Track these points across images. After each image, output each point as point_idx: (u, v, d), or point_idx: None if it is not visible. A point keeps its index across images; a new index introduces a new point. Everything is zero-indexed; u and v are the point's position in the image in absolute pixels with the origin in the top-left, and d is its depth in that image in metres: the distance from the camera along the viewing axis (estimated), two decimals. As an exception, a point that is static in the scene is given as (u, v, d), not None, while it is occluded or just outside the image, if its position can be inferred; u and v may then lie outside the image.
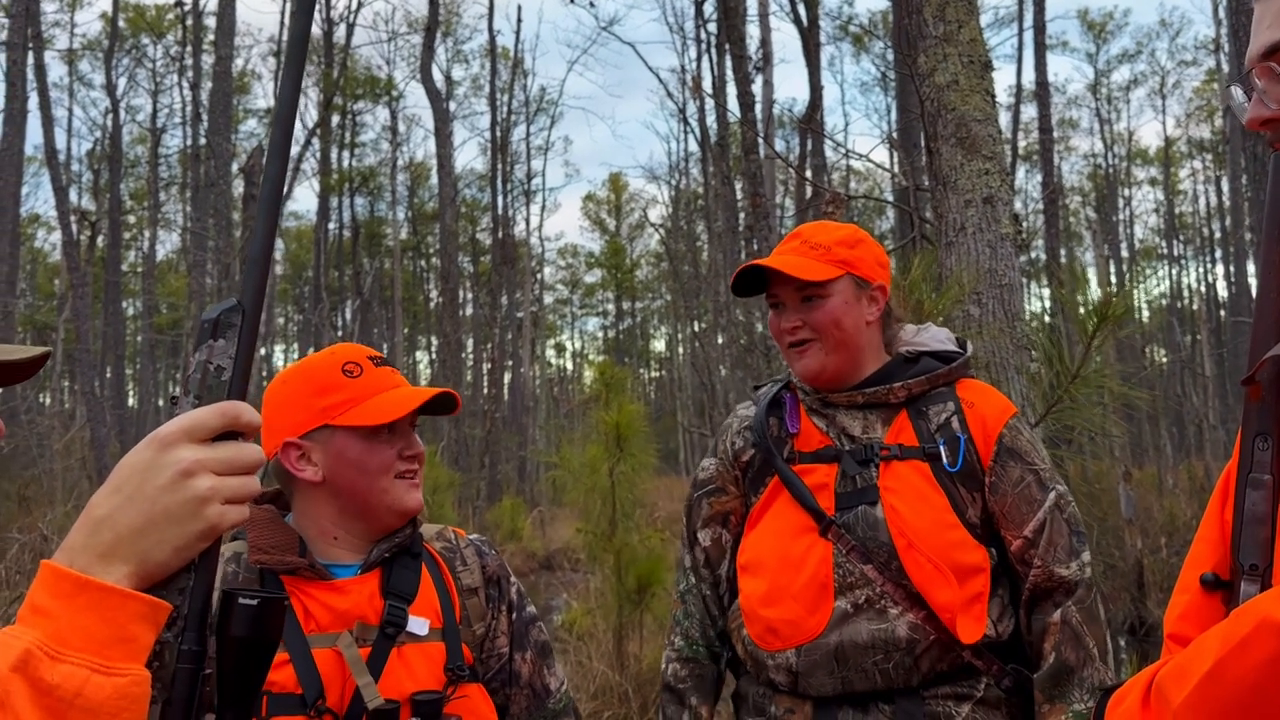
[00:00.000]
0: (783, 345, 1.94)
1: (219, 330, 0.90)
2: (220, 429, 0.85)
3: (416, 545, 1.61)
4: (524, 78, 29.58)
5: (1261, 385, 1.15)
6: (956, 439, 1.85)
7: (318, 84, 26.76)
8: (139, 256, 34.00)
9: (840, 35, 26.90)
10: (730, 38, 10.72)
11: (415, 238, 34.10)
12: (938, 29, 3.71)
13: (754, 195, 9.95)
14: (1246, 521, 1.11)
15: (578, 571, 11.28)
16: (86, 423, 15.67)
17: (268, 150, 0.95)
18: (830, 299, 1.88)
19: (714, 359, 16.66)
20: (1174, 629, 1.19)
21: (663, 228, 34.12)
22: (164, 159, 29.85)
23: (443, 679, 1.50)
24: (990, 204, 3.53)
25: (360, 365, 1.57)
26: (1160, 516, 10.98)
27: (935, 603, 1.76)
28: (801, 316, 1.89)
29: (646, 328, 46.85)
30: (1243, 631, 0.87)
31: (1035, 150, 21.89)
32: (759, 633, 1.85)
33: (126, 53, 28.04)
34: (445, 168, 21.39)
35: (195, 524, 0.81)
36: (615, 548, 6.20)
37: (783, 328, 1.92)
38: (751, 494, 1.96)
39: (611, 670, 5.84)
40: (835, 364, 1.89)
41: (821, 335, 1.88)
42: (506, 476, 23.85)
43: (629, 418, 6.43)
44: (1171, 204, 37.53)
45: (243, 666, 0.89)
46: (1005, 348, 3.41)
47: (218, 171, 16.83)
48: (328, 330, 27.22)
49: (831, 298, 1.88)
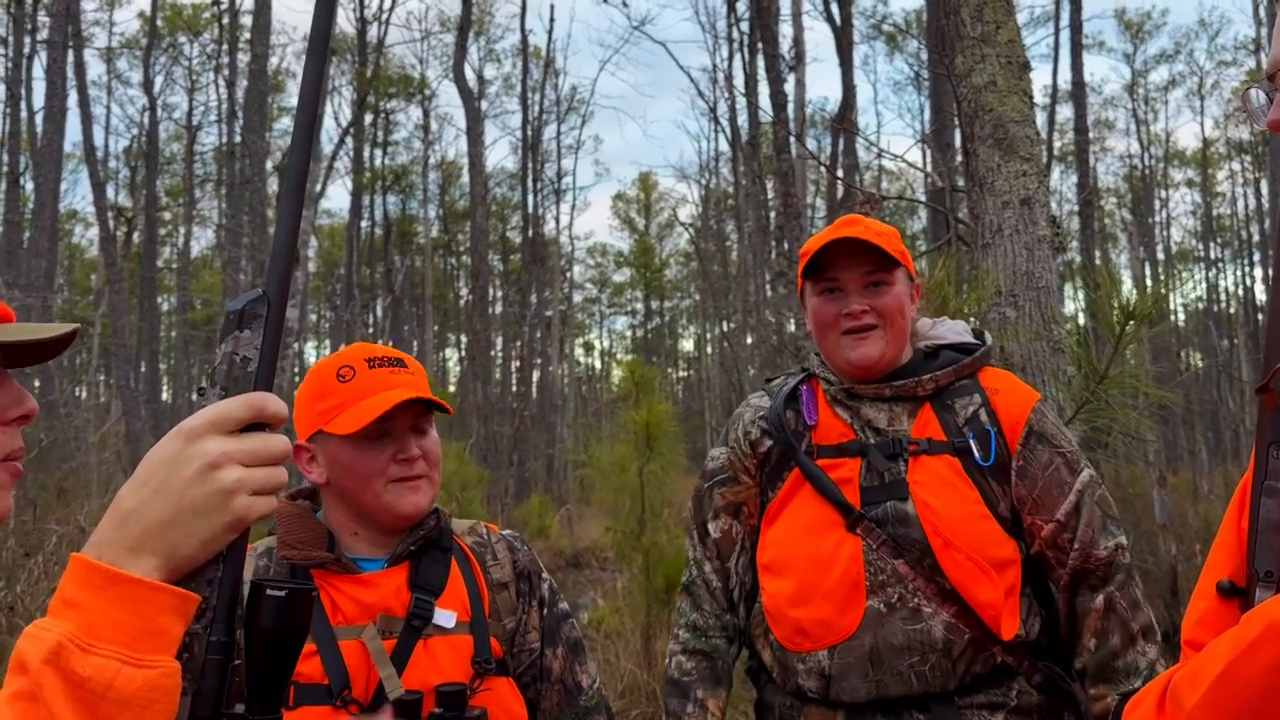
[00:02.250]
0: (834, 332, 1.87)
1: (245, 321, 0.89)
2: (247, 420, 0.84)
3: (445, 539, 1.62)
4: (555, 77, 29.67)
5: (1275, 394, 1.15)
6: (986, 432, 1.83)
7: (351, 82, 26.98)
8: (174, 252, 34.41)
9: (874, 35, 26.76)
10: (763, 37, 10.69)
11: (446, 236, 34.28)
12: (975, 29, 3.68)
13: (785, 195, 9.92)
14: (1262, 529, 1.12)
15: (605, 570, 11.29)
16: (122, 416, 15.89)
17: (290, 142, 0.95)
18: (895, 286, 1.87)
19: (743, 359, 16.62)
20: (1191, 635, 1.20)
21: (692, 227, 34.10)
22: (199, 156, 30.20)
23: (469, 671, 1.51)
24: (1028, 205, 3.50)
25: (354, 368, 1.55)
26: (1195, 522, 10.82)
27: (977, 600, 1.73)
28: (868, 301, 1.85)
29: (675, 327, 46.79)
30: (1252, 635, 0.88)
31: (1071, 151, 21.67)
32: (787, 634, 1.81)
33: (164, 51, 28.38)
34: (476, 166, 21.50)
35: (222, 516, 0.81)
36: (644, 547, 6.19)
37: (845, 312, 1.85)
38: (769, 487, 1.92)
39: (639, 669, 5.84)
40: (892, 353, 1.87)
41: (886, 322, 1.85)
42: (535, 474, 23.93)
43: (658, 417, 6.43)
44: (1209, 206, 36.97)
45: (271, 658, 0.89)
46: (1042, 351, 3.38)
47: (252, 169, 17.00)
48: (359, 327, 27.44)
49: (896, 285, 1.87)
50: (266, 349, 0.89)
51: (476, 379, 22.11)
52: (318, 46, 0.94)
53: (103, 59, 29.81)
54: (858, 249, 1.84)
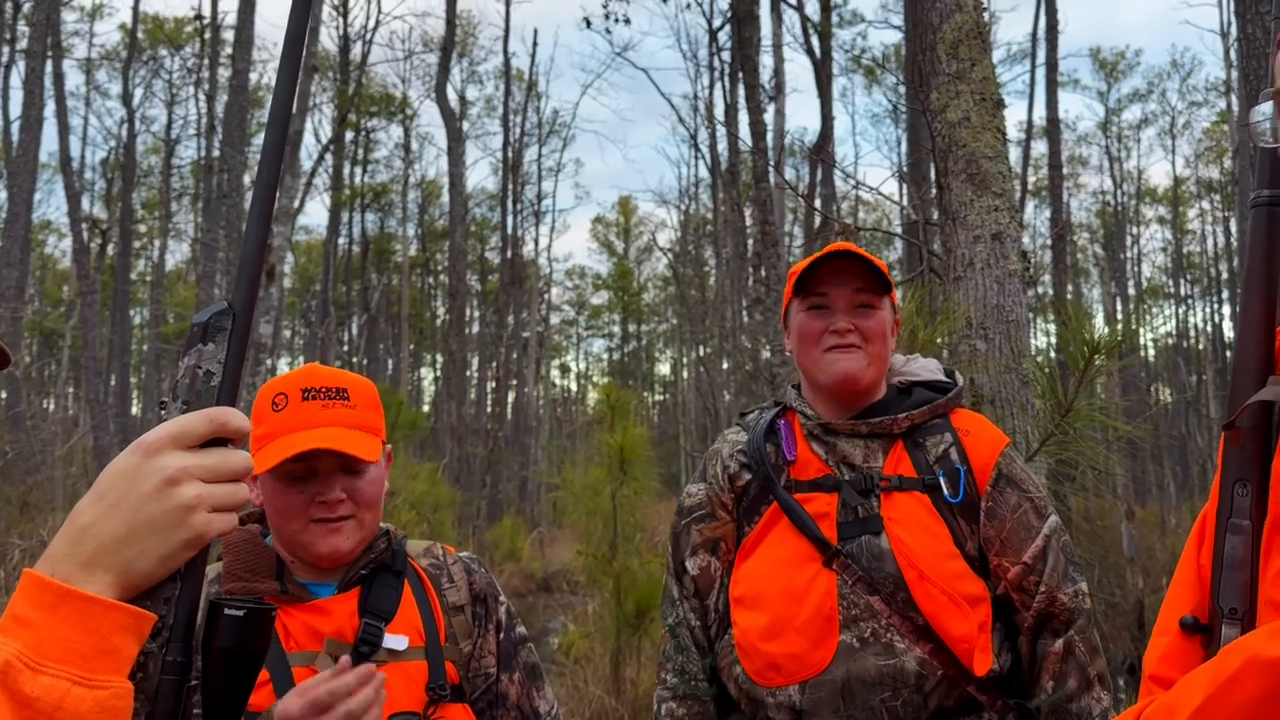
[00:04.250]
0: (818, 348, 1.89)
1: (209, 334, 0.88)
2: (208, 435, 0.82)
3: (399, 562, 1.58)
4: (537, 100, 29.80)
5: (1242, 431, 1.17)
6: (956, 470, 1.85)
7: (333, 100, 26.95)
8: (148, 265, 34.12)
9: (853, 67, 27.05)
10: (744, 67, 10.79)
11: (424, 255, 34.23)
12: (951, 66, 3.74)
13: (763, 223, 9.99)
14: (1226, 566, 1.13)
15: (576, 594, 11.23)
16: (90, 430, 15.69)
17: (261, 156, 0.93)
18: (881, 311, 1.89)
19: (718, 384, 16.65)
20: (1154, 670, 1.21)
21: (671, 252, 34.21)
22: (177, 170, 30.04)
23: (423, 698, 1.48)
24: (999, 240, 3.55)
25: (287, 397, 1.49)
26: (1162, 556, 10.92)
27: (950, 634, 1.74)
28: (855, 321, 1.87)
29: (652, 351, 46.84)
30: (1231, 669, 0.88)
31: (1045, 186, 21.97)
32: (758, 669, 1.80)
33: (144, 63, 28.26)
34: (456, 186, 21.51)
35: (181, 532, 0.79)
36: (615, 571, 6.17)
37: (832, 329, 1.87)
38: (745, 522, 1.91)
39: (608, 695, 5.81)
40: (873, 375, 1.89)
41: (869, 344, 1.87)
42: (508, 496, 23.81)
43: (633, 441, 6.43)
44: (1179, 243, 37.53)
45: (229, 679, 0.88)
46: (1011, 384, 3.41)
47: (230, 184, 16.92)
48: (334, 344, 27.28)
49: (882, 310, 1.90)
50: (230, 363, 0.88)
51: (451, 399, 22.01)
52: (290, 61, 0.93)
53: (82, 70, 29.66)
54: (850, 267, 1.87)
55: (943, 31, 3.77)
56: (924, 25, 3.91)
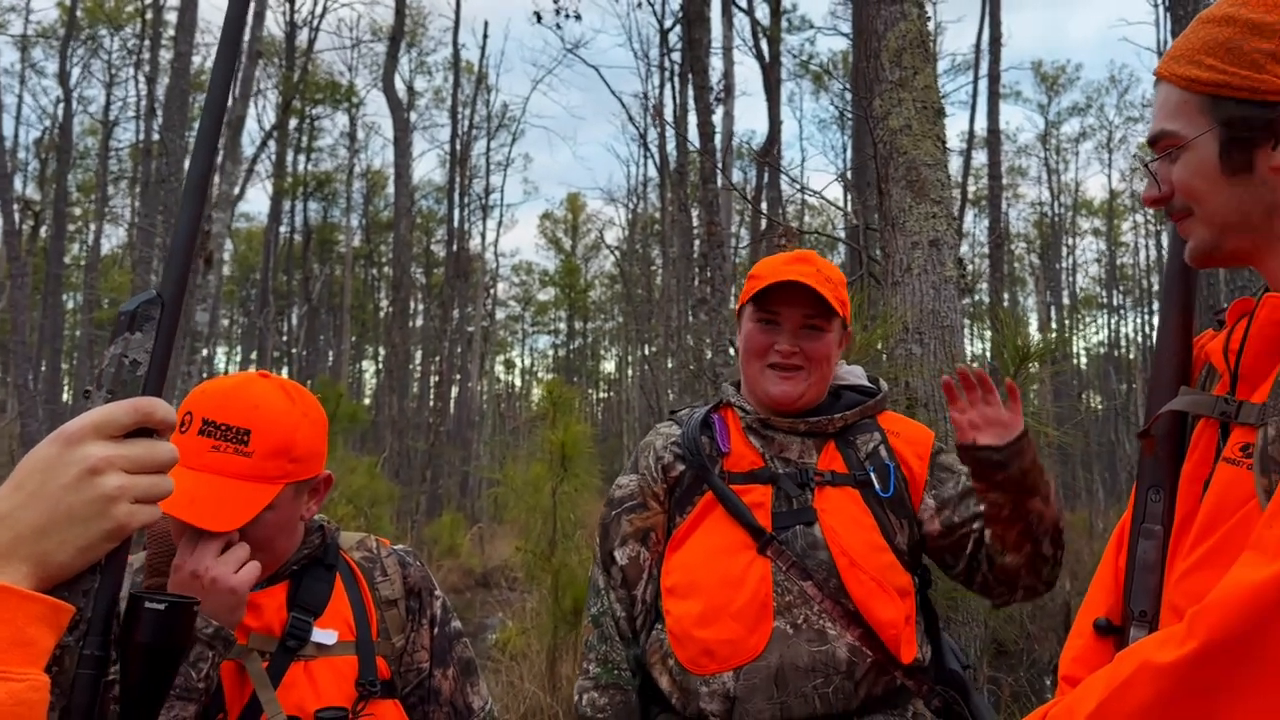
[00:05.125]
0: (760, 363, 1.95)
1: (136, 323, 0.86)
2: (132, 425, 0.81)
3: (331, 555, 1.56)
4: (487, 93, 29.58)
5: (1155, 439, 1.22)
6: (886, 466, 1.92)
7: (277, 86, 26.50)
8: (83, 249, 33.24)
9: (801, 73, 27.29)
10: (693, 68, 10.84)
11: (368, 246, 33.78)
12: (894, 74, 3.80)
13: (710, 223, 10.04)
14: (1138, 570, 1.17)
15: (515, 590, 11.18)
16: (17, 417, 15.26)
17: (195, 138, 0.92)
18: (828, 334, 1.94)
19: (662, 383, 16.71)
20: (1067, 670, 1.26)
21: (618, 250, 34.22)
22: (115, 152, 29.28)
23: (353, 694, 1.46)
24: (936, 247, 3.62)
25: (190, 419, 1.38)
26: (1090, 560, 11.18)
27: (878, 620, 1.79)
28: (800, 343, 1.92)
29: (597, 348, 46.80)
30: (1125, 674, 0.92)
31: (984, 196, 22.38)
32: (692, 656, 1.81)
33: (82, 43, 27.51)
34: (403, 177, 21.29)
35: (101, 523, 0.78)
36: (554, 568, 6.16)
37: (777, 348, 1.93)
38: (677, 512, 1.94)
39: (543, 692, 5.79)
40: (813, 395, 1.95)
41: (812, 366, 1.93)
42: (448, 491, 23.61)
43: (574, 437, 6.42)
44: (1113, 255, 38.53)
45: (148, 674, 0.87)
46: (944, 388, 3.49)
47: (169, 168, 16.55)
48: (273, 334, 26.81)
49: (830, 333, 1.94)
50: (158, 353, 0.86)
51: (393, 392, 21.78)
52: (229, 44, 0.92)
53: (17, 47, 28.75)
54: (804, 292, 1.90)
55: (887, 39, 3.83)
56: (869, 32, 3.97)
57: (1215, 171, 1.11)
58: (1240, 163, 1.09)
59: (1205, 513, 1.07)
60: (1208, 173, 1.11)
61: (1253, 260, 1.15)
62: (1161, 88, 1.16)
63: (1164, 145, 1.15)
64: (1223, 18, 1.11)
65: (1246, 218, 1.11)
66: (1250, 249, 1.13)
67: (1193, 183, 1.13)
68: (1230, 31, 1.09)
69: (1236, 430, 1.07)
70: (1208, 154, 1.11)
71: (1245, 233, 1.12)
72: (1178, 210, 1.17)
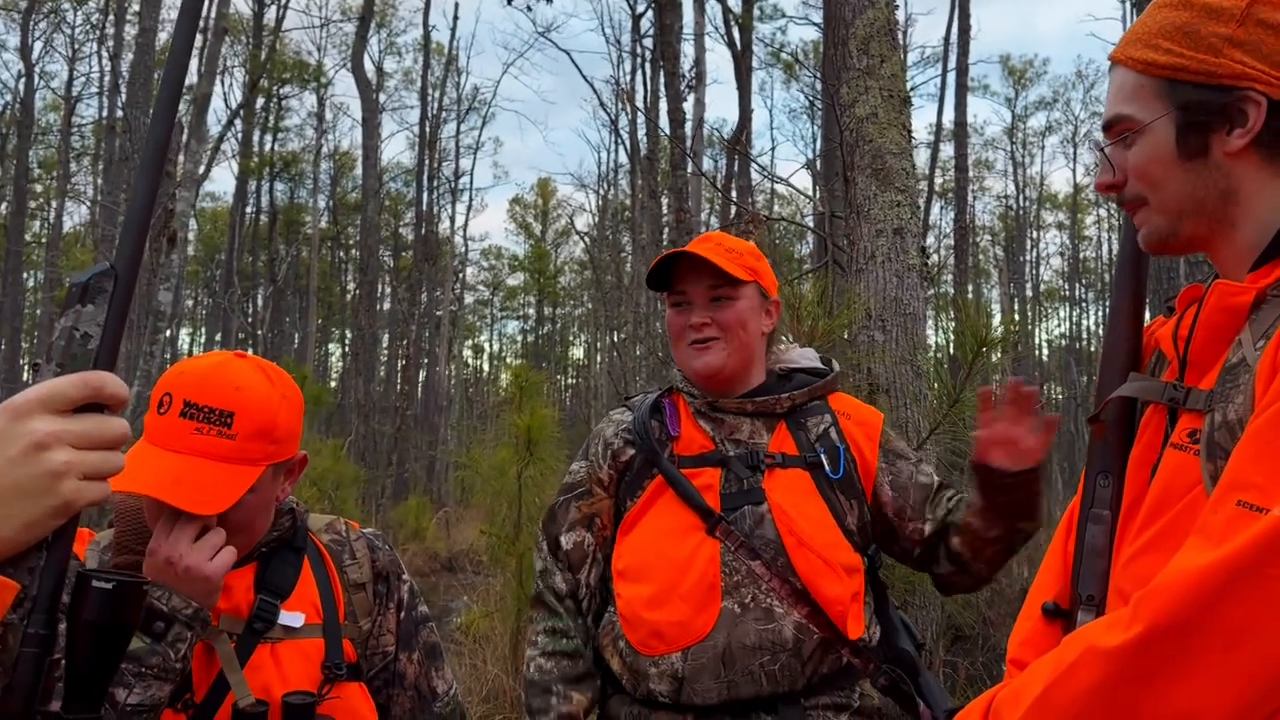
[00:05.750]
0: (683, 342, 1.98)
1: (88, 295, 0.84)
2: (81, 400, 0.79)
3: (300, 538, 1.55)
4: (457, 75, 29.35)
5: (1105, 424, 1.23)
6: (836, 449, 1.95)
7: (244, 64, 26.14)
8: (44, 227, 32.67)
9: (772, 61, 27.32)
10: (665, 54, 10.83)
11: (335, 228, 33.44)
12: (861, 62, 3.83)
13: (679, 210, 10.06)
14: (1086, 554, 1.18)
15: (480, 574, 11.17)
16: (-26, 395, 14.98)
17: (153, 109, 0.90)
18: (739, 302, 1.96)
19: (631, 370, 16.71)
20: (1015, 654, 1.26)
21: (588, 236, 34.13)
22: (77, 129, 28.77)
23: (319, 677, 1.45)
24: (900, 235, 3.66)
25: (170, 400, 1.36)
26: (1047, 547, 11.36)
27: (824, 597, 1.82)
28: (710, 314, 1.95)
29: (566, 334, 46.71)
30: (1070, 658, 0.93)
31: (951, 188, 22.57)
32: (641, 638, 1.83)
33: (45, 16, 26.98)
34: (371, 159, 21.10)
35: (48, 499, 0.76)
36: (519, 551, 6.17)
37: (689, 324, 1.96)
38: (628, 497, 1.96)
39: (506, 674, 5.81)
40: (734, 365, 1.97)
41: (726, 335, 1.95)
42: (414, 475, 23.50)
43: (540, 422, 6.42)
44: (1076, 249, 39.03)
45: (95, 653, 0.85)
46: (905, 374, 3.54)
47: (133, 145, 16.29)
48: (238, 315, 26.53)
49: (740, 301, 1.96)
50: (110, 326, 0.84)
51: (359, 375, 21.62)
52: (189, 12, 0.91)
53: (-25, 18, 28.15)
54: (703, 263, 1.93)
55: (855, 27, 3.86)
56: (838, 20, 4.00)
57: (1171, 156, 1.11)
58: (1196, 147, 1.09)
59: (1152, 498, 1.07)
60: (1163, 157, 1.11)
61: (1206, 246, 1.15)
62: (1117, 72, 1.17)
63: (1119, 129, 1.15)
64: (1180, 2, 1.11)
65: (1201, 204, 1.11)
66: (1206, 234, 1.13)
67: (1148, 168, 1.13)
68: (1187, 15, 1.09)
69: (1184, 416, 1.07)
70: (1164, 138, 1.11)
71: (1200, 218, 1.12)
72: (1130, 199, 1.17)
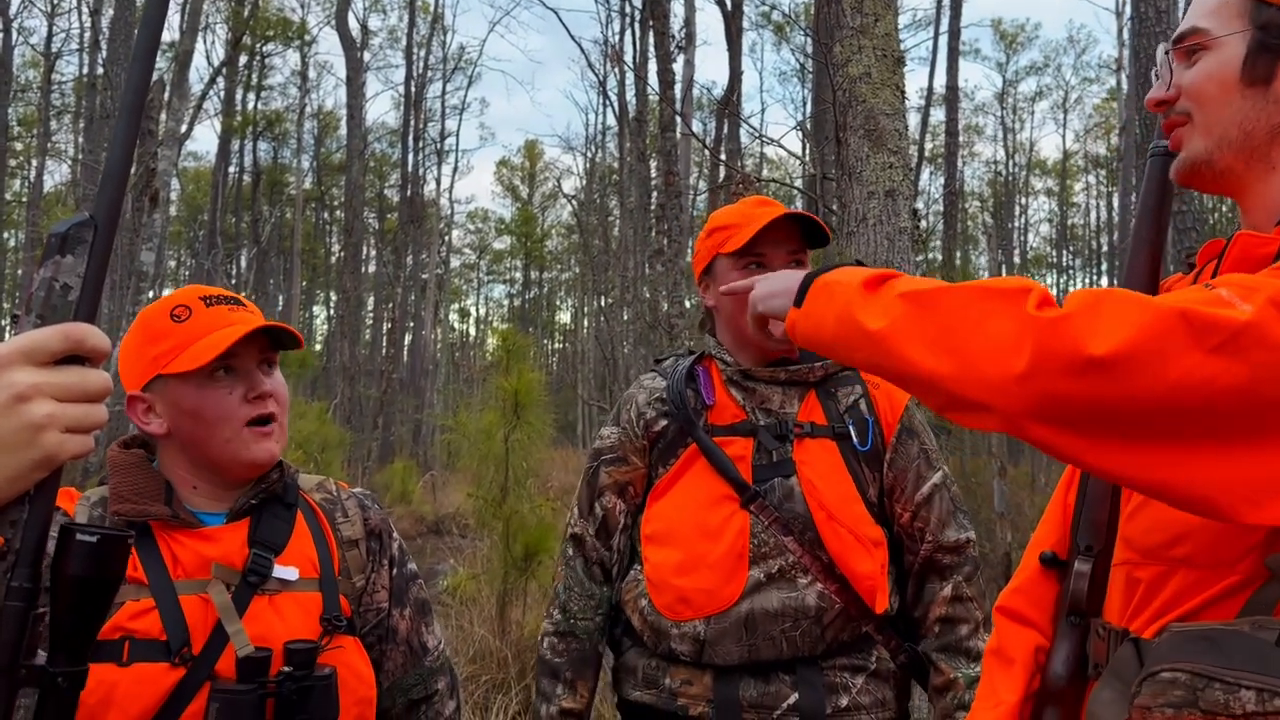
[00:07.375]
0: None
1: (68, 246, 0.83)
2: (62, 352, 0.79)
3: (291, 495, 1.57)
4: (443, 34, 29.02)
5: None
6: (865, 421, 1.93)
7: (227, 21, 25.74)
8: (24, 185, 32.27)
9: (763, 22, 27.05)
10: (654, 14, 10.69)
11: (319, 189, 33.15)
12: (855, 20, 3.77)
13: (668, 173, 9.97)
14: (1088, 504, 1.18)
15: (466, 537, 11.21)
16: (-46, 356, 14.85)
17: (131, 55, 0.89)
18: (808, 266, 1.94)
19: (618, 334, 16.68)
20: (1004, 602, 1.29)
21: (575, 199, 33.91)
22: (57, 86, 28.30)
23: (318, 629, 1.47)
24: (892, 197, 3.62)
25: (189, 308, 1.47)
26: (1031, 512, 11.46)
27: (855, 572, 1.82)
28: None
29: (553, 298, 46.61)
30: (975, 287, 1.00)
31: (941, 153, 22.50)
32: (668, 603, 1.85)
33: (20, -31, 26.43)
34: (355, 119, 20.86)
35: (30, 452, 0.77)
36: (505, 515, 6.18)
37: None
38: (661, 465, 1.96)
39: (492, 636, 5.83)
40: None
41: None
42: (400, 439, 23.51)
43: (528, 385, 6.41)
44: (1065, 215, 39.04)
45: (79, 607, 0.86)
46: (896, 338, 3.51)
47: (114, 103, 16.04)
48: (221, 277, 26.32)
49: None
50: (91, 277, 0.84)
51: (344, 338, 21.54)
52: None
53: (-50, -29, 27.58)
54: (787, 228, 1.90)
55: (849, -14, 3.79)
56: (831, -21, 3.93)
57: (1233, 77, 1.09)
58: (1262, 73, 1.08)
59: None
60: (1225, 77, 1.10)
61: (1237, 187, 1.14)
62: None
63: (1190, 42, 1.13)
64: None
65: (1249, 136, 1.10)
66: (1242, 171, 1.12)
67: (1205, 85, 1.11)
68: None
69: None
70: (1231, 56, 1.09)
71: (1242, 151, 1.11)
72: (1176, 114, 1.15)
